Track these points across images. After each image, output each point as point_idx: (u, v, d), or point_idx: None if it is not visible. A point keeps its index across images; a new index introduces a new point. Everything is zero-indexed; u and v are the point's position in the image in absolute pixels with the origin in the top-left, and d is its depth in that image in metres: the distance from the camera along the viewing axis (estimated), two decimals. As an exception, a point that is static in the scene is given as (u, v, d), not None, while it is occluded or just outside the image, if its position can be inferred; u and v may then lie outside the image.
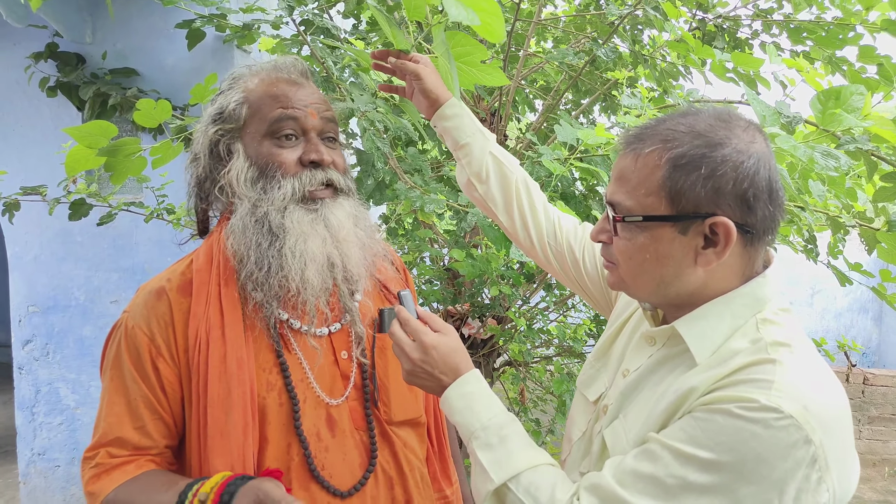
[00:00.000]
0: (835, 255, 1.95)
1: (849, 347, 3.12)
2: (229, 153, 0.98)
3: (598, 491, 0.73)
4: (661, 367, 0.82)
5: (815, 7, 2.19)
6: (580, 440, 0.93)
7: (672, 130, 0.76)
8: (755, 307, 0.77)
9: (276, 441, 0.92)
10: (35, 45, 2.74)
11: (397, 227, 2.51)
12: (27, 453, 3.05)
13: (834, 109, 1.17)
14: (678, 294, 0.79)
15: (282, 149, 0.96)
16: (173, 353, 0.92)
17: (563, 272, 1.15)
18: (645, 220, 0.76)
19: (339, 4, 2.21)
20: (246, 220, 0.94)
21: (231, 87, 1.00)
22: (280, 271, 0.92)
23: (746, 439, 0.65)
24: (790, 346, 0.73)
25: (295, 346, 0.97)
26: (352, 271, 0.99)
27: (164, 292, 0.94)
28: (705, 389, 0.71)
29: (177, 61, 2.71)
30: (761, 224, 0.75)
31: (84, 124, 1.34)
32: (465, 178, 1.20)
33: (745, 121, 0.77)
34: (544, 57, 2.34)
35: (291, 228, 0.93)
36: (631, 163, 0.78)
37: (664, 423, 0.74)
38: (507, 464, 0.80)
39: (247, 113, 0.97)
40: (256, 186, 0.95)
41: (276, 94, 0.97)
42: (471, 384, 0.87)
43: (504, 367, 2.80)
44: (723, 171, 0.73)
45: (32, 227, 2.89)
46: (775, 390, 0.67)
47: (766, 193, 0.74)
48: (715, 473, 0.66)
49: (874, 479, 4.60)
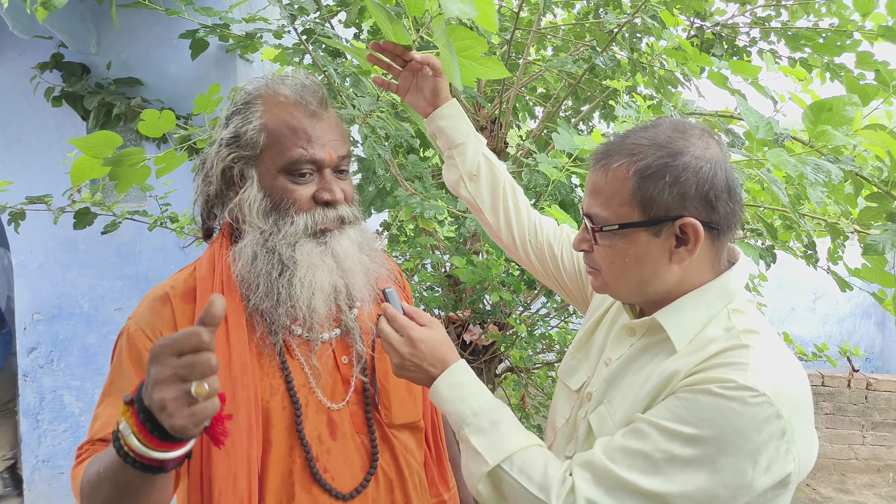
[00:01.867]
0: (835, 260, 1.95)
1: (850, 353, 3.12)
2: (242, 178, 0.97)
3: (591, 467, 0.79)
4: (642, 354, 0.89)
5: (813, 14, 2.21)
6: (564, 426, 0.99)
7: (636, 144, 0.84)
8: (726, 298, 0.85)
9: (279, 444, 0.93)
10: (40, 55, 2.77)
11: (399, 233, 2.52)
12: (32, 460, 3.06)
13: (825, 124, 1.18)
14: (657, 291, 0.87)
15: (297, 185, 0.96)
16: None
17: (542, 269, 1.22)
18: (621, 228, 0.84)
19: (341, 14, 2.24)
20: (256, 249, 0.95)
21: (248, 106, 0.98)
22: (288, 301, 0.94)
23: (726, 415, 0.73)
24: (759, 333, 0.81)
25: (297, 352, 0.99)
26: (355, 295, 1.01)
27: (168, 298, 0.96)
28: (686, 372, 0.79)
29: (180, 71, 2.74)
30: (724, 220, 0.83)
31: (89, 135, 1.36)
32: (455, 176, 1.24)
33: (700, 129, 0.86)
34: (544, 65, 2.36)
35: (302, 261, 0.95)
36: (602, 177, 0.86)
37: (649, 405, 0.81)
38: (500, 446, 0.85)
39: (264, 142, 0.95)
40: (269, 220, 0.96)
41: (295, 129, 0.95)
42: (459, 374, 0.91)
43: (505, 373, 2.80)
44: (685, 177, 0.81)
45: (37, 236, 2.91)
46: (750, 371, 0.74)
47: (725, 193, 0.82)
48: (698, 446, 0.73)
49: (878, 484, 4.58)
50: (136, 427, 0.66)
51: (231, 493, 0.88)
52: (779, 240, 1.76)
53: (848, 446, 4.76)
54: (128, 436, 0.67)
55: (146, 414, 0.65)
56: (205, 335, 0.63)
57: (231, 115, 0.99)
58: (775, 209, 1.75)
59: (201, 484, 0.90)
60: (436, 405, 0.92)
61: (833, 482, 4.59)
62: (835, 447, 4.74)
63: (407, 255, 2.57)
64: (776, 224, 1.83)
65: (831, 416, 4.73)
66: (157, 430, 0.65)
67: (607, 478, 0.77)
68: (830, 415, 4.72)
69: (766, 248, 1.91)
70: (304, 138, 0.95)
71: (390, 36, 1.15)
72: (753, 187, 1.88)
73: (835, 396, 4.71)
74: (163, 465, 0.69)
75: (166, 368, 0.63)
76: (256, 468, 0.90)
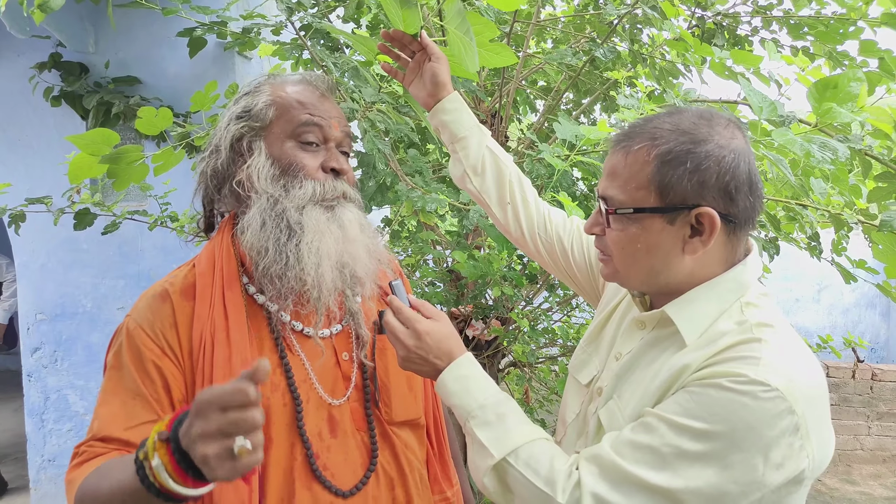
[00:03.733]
0: (839, 251, 1.94)
1: (855, 343, 3.11)
2: (250, 150, 1.00)
3: (598, 461, 0.77)
4: (652, 348, 0.87)
5: (815, 3, 2.18)
6: (574, 421, 0.97)
7: (659, 129, 0.82)
8: (739, 291, 0.83)
9: (279, 441, 0.93)
10: (39, 55, 2.76)
11: (400, 229, 2.52)
12: (37, 459, 3.07)
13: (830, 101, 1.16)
14: (668, 282, 0.85)
15: (305, 152, 0.99)
16: (178, 354, 0.93)
17: (552, 262, 1.20)
18: (635, 212, 0.82)
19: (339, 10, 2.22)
20: (265, 214, 0.96)
21: (258, 88, 1.03)
22: (297, 265, 0.94)
23: (737, 409, 0.71)
24: (773, 326, 0.78)
25: (297, 348, 0.98)
26: (358, 273, 1.00)
27: (168, 295, 0.96)
28: (697, 367, 0.77)
29: (179, 69, 2.73)
30: (743, 214, 0.81)
31: (87, 132, 1.35)
32: (460, 170, 1.23)
33: (726, 119, 0.83)
34: (544, 58, 2.34)
35: (309, 225, 0.95)
36: (621, 159, 0.84)
37: (659, 399, 0.79)
38: (505, 439, 0.83)
39: (274, 114, 1.00)
40: (278, 184, 0.97)
41: (303, 101, 1.00)
42: (465, 367, 0.90)
43: (509, 367, 2.80)
44: (706, 165, 0.78)
45: (39, 236, 2.91)
46: (762, 366, 0.72)
47: (746, 186, 0.80)
48: (708, 442, 0.71)
49: (884, 475, 4.57)
50: (170, 466, 0.67)
51: (232, 490, 0.87)
52: (782, 231, 1.75)
53: (853, 437, 4.76)
54: (159, 472, 0.68)
55: (182, 454, 0.66)
56: (251, 392, 0.63)
57: (240, 97, 1.03)
58: (779, 200, 1.74)
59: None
60: (441, 398, 0.92)
61: (839, 473, 4.58)
62: (840, 438, 4.73)
63: (409, 250, 2.57)
64: (779, 216, 1.81)
65: (836, 407, 4.72)
66: (191, 470, 0.67)
67: (614, 472, 0.75)
68: (835, 406, 4.71)
69: (770, 240, 1.89)
70: (311, 107, 1.00)
71: (396, 22, 1.13)
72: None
73: (840, 387, 4.70)
74: (185, 499, 0.70)
75: (211, 423, 0.63)
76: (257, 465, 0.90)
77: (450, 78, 1.19)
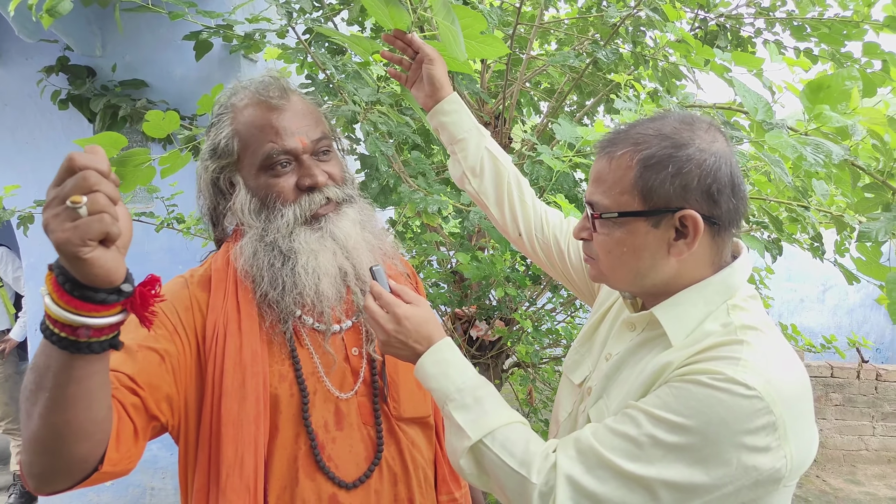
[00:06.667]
0: (841, 252, 1.94)
1: (860, 344, 3.10)
2: (231, 186, 1.02)
3: (576, 444, 0.79)
4: (640, 349, 0.89)
5: (818, 5, 2.19)
6: (566, 420, 0.99)
7: (641, 134, 0.84)
8: (726, 294, 0.84)
9: (285, 430, 0.95)
10: (46, 59, 2.79)
11: (404, 230, 2.53)
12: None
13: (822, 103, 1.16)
14: (654, 284, 0.86)
15: (278, 178, 0.98)
16: (188, 335, 0.94)
17: (549, 263, 1.22)
18: (620, 216, 0.83)
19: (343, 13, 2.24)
20: (256, 245, 0.99)
21: (220, 118, 1.02)
22: (294, 289, 0.97)
23: (713, 405, 0.72)
24: (757, 329, 0.80)
25: (307, 341, 1.01)
26: (364, 274, 1.02)
27: (186, 284, 1.00)
28: (679, 364, 0.79)
29: (185, 72, 2.75)
30: (726, 216, 0.82)
31: (94, 135, 1.37)
32: (459, 171, 1.24)
33: (707, 123, 0.85)
34: (547, 60, 2.35)
35: (301, 248, 0.97)
36: (605, 165, 0.86)
37: (643, 395, 0.81)
38: (482, 422, 0.85)
39: (238, 146, 0.99)
40: (260, 217, 0.99)
41: (262, 126, 0.98)
42: (444, 351, 0.91)
43: (512, 368, 2.81)
44: (688, 168, 0.80)
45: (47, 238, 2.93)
46: (741, 366, 0.74)
47: (728, 188, 0.81)
48: (683, 435, 0.73)
49: (889, 475, 4.56)
50: (51, 285, 0.64)
51: (238, 475, 0.89)
52: (784, 232, 1.75)
53: (858, 437, 4.74)
54: (50, 307, 0.64)
55: (60, 269, 0.63)
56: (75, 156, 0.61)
57: (209, 128, 1.04)
58: (781, 202, 1.75)
59: (209, 466, 0.92)
60: (420, 381, 0.92)
61: (843, 473, 4.57)
62: (845, 438, 4.72)
63: (413, 251, 2.58)
64: (782, 217, 1.82)
65: (841, 408, 4.71)
66: (69, 282, 0.63)
67: (591, 456, 0.77)
68: (840, 406, 4.70)
69: (773, 241, 1.90)
70: (271, 133, 0.98)
71: (384, 22, 1.14)
72: (760, 179, 1.87)
73: (844, 388, 4.69)
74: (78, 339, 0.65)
75: (49, 196, 0.62)
76: (263, 453, 0.92)
77: (448, 78, 1.20)
